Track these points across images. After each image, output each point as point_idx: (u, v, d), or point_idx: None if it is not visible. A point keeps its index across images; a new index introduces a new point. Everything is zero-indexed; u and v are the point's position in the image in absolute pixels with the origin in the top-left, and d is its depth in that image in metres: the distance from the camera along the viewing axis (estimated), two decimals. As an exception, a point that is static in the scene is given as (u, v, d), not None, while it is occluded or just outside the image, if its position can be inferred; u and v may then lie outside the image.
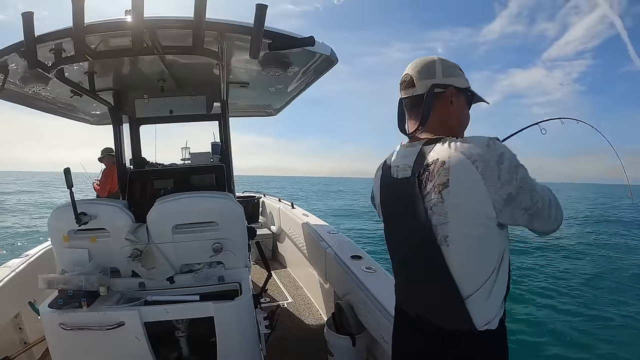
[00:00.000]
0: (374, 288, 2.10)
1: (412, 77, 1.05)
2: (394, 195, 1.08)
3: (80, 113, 3.38)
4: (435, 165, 0.92)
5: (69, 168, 1.80)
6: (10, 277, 2.30)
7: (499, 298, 0.95)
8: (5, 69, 1.87)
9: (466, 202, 0.89)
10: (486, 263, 0.93)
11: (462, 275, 0.93)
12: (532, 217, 0.91)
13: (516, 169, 0.88)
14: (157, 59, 2.06)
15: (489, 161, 0.86)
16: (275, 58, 2.01)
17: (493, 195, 0.87)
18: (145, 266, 1.89)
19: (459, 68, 1.06)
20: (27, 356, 2.32)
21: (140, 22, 1.37)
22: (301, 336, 2.74)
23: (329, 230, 3.31)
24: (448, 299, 0.95)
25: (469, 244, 0.91)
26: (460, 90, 1.05)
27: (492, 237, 0.92)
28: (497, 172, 0.86)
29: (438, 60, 1.04)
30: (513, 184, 0.87)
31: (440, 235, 0.93)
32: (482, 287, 0.92)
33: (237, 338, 1.82)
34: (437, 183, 0.91)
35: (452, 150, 0.91)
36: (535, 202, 0.90)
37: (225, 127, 2.96)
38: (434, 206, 0.92)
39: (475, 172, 0.87)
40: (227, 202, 1.97)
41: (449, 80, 1.03)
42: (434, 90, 1.01)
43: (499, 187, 0.86)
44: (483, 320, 0.93)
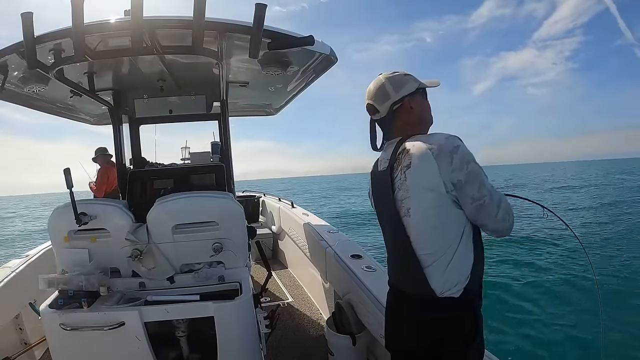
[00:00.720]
0: (374, 287, 2.10)
1: (373, 105, 1.23)
2: (378, 184, 1.27)
3: (80, 113, 3.38)
4: (402, 153, 1.14)
5: (69, 168, 1.80)
6: (10, 277, 2.30)
7: (462, 270, 1.08)
8: (5, 69, 1.87)
9: (422, 179, 1.07)
10: (444, 236, 1.08)
11: (421, 246, 1.10)
12: (479, 210, 1.06)
13: (468, 162, 1.04)
14: (156, 59, 2.05)
15: (444, 149, 1.05)
16: (274, 57, 2.01)
17: (444, 176, 1.04)
18: (146, 266, 1.89)
19: (404, 74, 1.22)
20: (27, 356, 2.32)
21: (140, 22, 1.38)
22: (301, 336, 2.74)
23: (329, 229, 3.31)
24: (410, 267, 1.12)
25: (426, 216, 1.08)
26: (413, 93, 1.21)
27: (447, 212, 1.07)
28: (450, 158, 1.04)
29: (385, 81, 1.21)
30: (463, 172, 1.04)
31: (404, 209, 1.12)
32: (440, 258, 1.07)
33: (237, 338, 1.82)
34: (402, 165, 1.12)
35: (416, 141, 1.12)
36: (482, 195, 1.05)
37: (225, 127, 2.96)
38: (400, 184, 1.13)
39: (431, 156, 1.06)
40: (227, 202, 1.97)
41: (401, 92, 1.20)
42: (393, 108, 1.21)
43: (450, 171, 1.04)
44: (442, 288, 1.07)
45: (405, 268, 1.16)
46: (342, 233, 3.25)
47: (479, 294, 1.13)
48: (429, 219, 1.08)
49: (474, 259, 1.10)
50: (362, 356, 2.16)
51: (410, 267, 1.11)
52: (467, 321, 1.10)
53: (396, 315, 1.27)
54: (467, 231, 1.09)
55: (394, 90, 1.20)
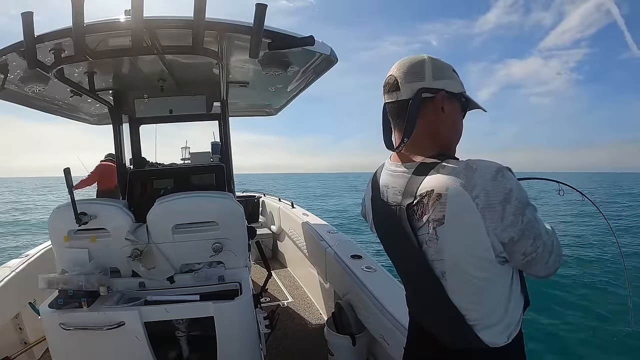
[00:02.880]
0: (374, 287, 2.10)
1: (396, 79, 0.91)
2: (386, 219, 0.96)
3: (80, 113, 3.39)
4: (429, 197, 0.80)
5: (69, 168, 1.80)
6: (10, 277, 2.30)
7: (515, 318, 0.88)
8: (5, 68, 1.87)
9: (462, 242, 0.79)
10: (492, 297, 0.85)
11: (466, 306, 0.85)
12: (530, 263, 0.82)
13: (523, 211, 0.76)
14: (156, 59, 2.05)
15: (493, 199, 0.74)
16: (275, 57, 2.01)
17: (492, 237, 0.77)
18: (145, 266, 1.89)
19: (452, 69, 0.92)
20: (27, 356, 2.32)
21: (140, 22, 1.37)
22: (301, 336, 2.74)
23: (329, 229, 3.31)
24: (454, 326, 0.87)
25: (468, 282, 0.83)
26: (453, 95, 0.90)
27: (494, 276, 0.83)
28: (501, 212, 0.74)
29: (428, 59, 0.90)
30: (517, 227, 0.76)
31: (437, 270, 0.84)
32: (491, 314, 0.85)
33: (237, 338, 1.82)
34: (431, 218, 0.80)
35: (449, 180, 0.77)
36: (536, 247, 0.80)
37: (225, 127, 2.96)
38: (429, 241, 0.83)
39: (475, 210, 0.75)
40: (227, 202, 1.97)
41: (440, 83, 0.89)
42: (422, 95, 0.87)
43: (501, 230, 0.76)
44: (497, 341, 0.86)
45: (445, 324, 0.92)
46: (342, 233, 3.25)
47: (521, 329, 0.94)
48: (472, 287, 0.83)
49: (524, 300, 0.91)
50: (362, 356, 2.16)
51: (454, 325, 0.88)
52: None
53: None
54: (515, 278, 0.87)
55: (433, 75, 0.88)
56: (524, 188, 0.79)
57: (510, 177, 0.77)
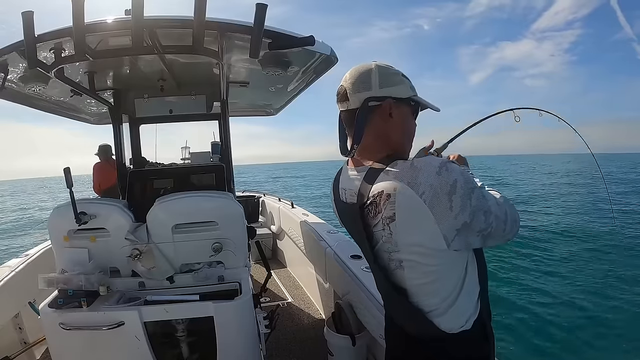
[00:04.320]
0: (374, 288, 2.09)
1: (345, 90, 0.95)
2: (347, 219, 1.03)
3: (80, 113, 3.39)
4: (380, 197, 0.84)
5: (69, 168, 1.80)
6: (10, 276, 2.30)
7: (470, 303, 0.91)
8: (5, 68, 1.87)
9: (414, 235, 0.83)
10: (446, 284, 0.89)
11: (421, 295, 0.89)
12: (486, 238, 0.85)
13: (470, 195, 0.79)
14: (157, 59, 2.05)
15: (439, 192, 0.78)
16: (275, 57, 2.01)
17: (444, 228, 0.79)
18: (145, 266, 1.89)
19: (401, 74, 0.96)
20: (27, 356, 2.32)
21: (140, 22, 1.37)
22: (301, 336, 2.74)
23: (329, 229, 3.31)
24: (412, 314, 0.92)
25: (423, 270, 0.86)
26: (401, 101, 0.94)
27: (449, 262, 0.87)
28: (449, 203, 0.78)
29: (375, 68, 0.93)
30: (467, 211, 0.79)
31: (394, 261, 0.89)
32: (444, 301, 0.88)
33: (237, 338, 1.82)
34: (384, 216, 0.85)
35: (397, 181, 0.82)
36: (490, 222, 0.83)
37: (225, 127, 2.96)
38: (384, 237, 0.87)
39: (423, 205, 0.78)
40: (227, 202, 1.97)
41: (386, 91, 0.92)
42: (369, 104, 0.92)
43: (452, 218, 0.78)
44: (453, 326, 0.90)
45: (405, 315, 0.97)
46: (341, 233, 3.25)
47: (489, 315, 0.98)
48: (428, 275, 0.87)
49: (481, 285, 0.94)
50: (362, 356, 2.16)
51: (412, 315, 0.93)
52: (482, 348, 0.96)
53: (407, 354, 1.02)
54: (469, 261, 0.92)
55: (379, 84, 0.92)
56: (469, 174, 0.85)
57: (454, 169, 0.80)
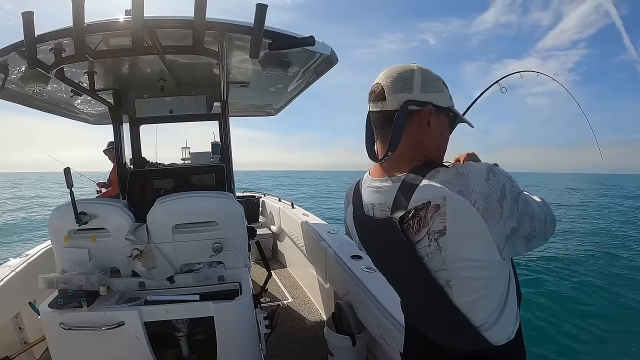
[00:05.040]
0: (374, 288, 2.10)
1: (383, 88, 0.86)
2: (375, 236, 0.92)
3: (80, 113, 3.39)
4: (426, 209, 0.77)
5: (69, 168, 1.80)
6: (10, 277, 2.30)
7: (513, 313, 0.89)
8: (5, 68, 1.87)
9: (468, 250, 0.77)
10: (495, 294, 0.85)
11: (470, 309, 0.84)
12: (529, 241, 0.82)
13: (517, 199, 0.76)
14: (157, 59, 2.05)
15: (491, 199, 0.73)
16: (275, 58, 2.01)
17: (496, 237, 0.75)
18: (145, 266, 1.89)
19: (442, 82, 0.89)
20: (27, 356, 2.32)
21: (140, 22, 1.37)
22: (301, 336, 2.74)
23: (329, 230, 3.31)
24: (460, 330, 0.86)
25: (473, 286, 0.82)
26: (440, 109, 0.87)
27: (497, 273, 0.83)
28: (500, 209, 0.74)
29: (418, 70, 0.86)
30: (515, 215, 0.76)
31: (441, 280, 0.82)
32: (492, 314, 0.84)
33: (237, 338, 1.82)
34: (431, 230, 0.77)
35: (445, 189, 0.75)
36: (534, 226, 0.80)
37: (225, 127, 2.96)
38: (431, 253, 0.80)
39: (477, 215, 0.73)
40: (227, 202, 1.97)
41: (427, 96, 0.85)
42: (408, 108, 0.84)
43: (502, 225, 0.75)
44: (501, 338, 0.86)
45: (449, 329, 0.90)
46: (342, 233, 3.24)
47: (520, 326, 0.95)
48: (478, 291, 0.82)
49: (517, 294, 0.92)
50: (362, 357, 2.16)
51: (459, 329, 0.87)
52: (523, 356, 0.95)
53: None
54: (511, 271, 0.89)
55: (421, 87, 0.85)
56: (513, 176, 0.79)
57: (501, 173, 0.76)
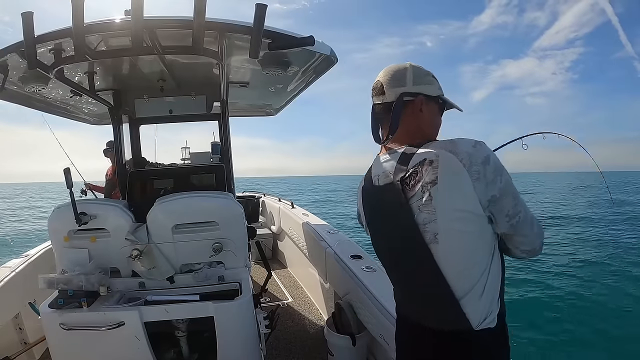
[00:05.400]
0: (374, 288, 2.10)
1: (382, 84, 1.07)
2: (377, 202, 1.07)
3: (80, 113, 3.39)
4: (422, 165, 0.92)
5: (69, 168, 1.80)
6: (10, 277, 2.30)
7: (494, 293, 0.94)
8: (5, 69, 1.87)
9: (455, 198, 0.88)
10: (478, 260, 0.92)
11: (454, 274, 0.91)
12: (515, 228, 0.92)
13: (501, 172, 0.89)
14: (156, 59, 2.05)
15: (475, 159, 0.87)
16: (275, 58, 2.01)
17: (479, 192, 0.87)
18: (145, 266, 1.89)
19: (431, 75, 1.07)
20: (27, 356, 2.32)
21: (140, 22, 1.37)
22: (301, 336, 2.74)
23: (329, 229, 3.31)
24: (442, 300, 0.94)
25: (459, 240, 0.91)
26: (430, 98, 1.06)
27: (482, 233, 0.92)
28: (483, 171, 0.87)
29: (410, 67, 1.05)
30: (497, 186, 0.88)
31: (429, 234, 0.92)
32: (475, 285, 0.91)
33: (237, 338, 1.82)
34: (425, 182, 0.91)
35: (439, 149, 0.91)
36: (518, 211, 0.91)
37: (225, 127, 2.96)
38: (422, 205, 0.91)
39: (463, 169, 0.87)
40: (227, 202, 1.97)
41: (419, 88, 1.04)
42: (403, 99, 1.03)
43: (484, 186, 0.87)
44: (480, 319, 0.92)
45: (431, 301, 0.98)
46: (342, 233, 3.25)
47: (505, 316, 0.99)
48: (463, 245, 0.91)
49: (502, 277, 0.97)
50: (362, 356, 2.16)
51: (441, 300, 0.94)
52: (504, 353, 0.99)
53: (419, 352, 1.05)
54: (496, 249, 0.96)
55: (413, 81, 1.03)
56: None
57: (487, 147, 0.91)
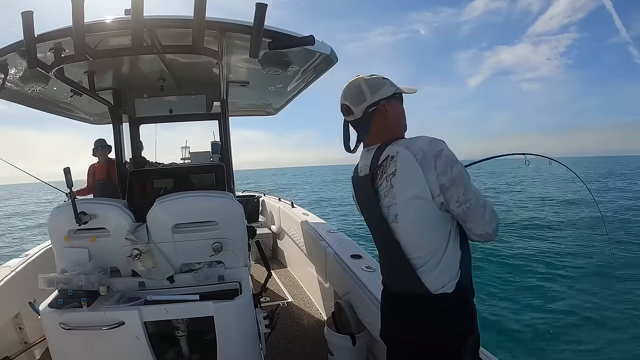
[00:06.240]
0: (374, 287, 2.10)
1: (348, 106, 1.22)
2: (360, 190, 1.29)
3: (80, 112, 3.39)
4: (387, 160, 1.13)
5: (69, 168, 1.80)
6: (10, 277, 2.30)
7: (451, 267, 1.11)
8: (5, 68, 1.87)
9: (409, 185, 1.07)
10: (433, 239, 1.10)
11: (412, 249, 1.12)
12: (466, 212, 1.08)
13: (452, 165, 1.05)
14: (156, 58, 2.05)
15: (427, 154, 1.06)
16: (275, 57, 2.01)
17: (430, 182, 1.05)
18: (145, 266, 1.89)
19: (382, 78, 1.21)
20: (27, 356, 2.32)
21: (140, 22, 1.37)
22: (301, 336, 2.74)
23: (329, 229, 3.31)
24: (402, 269, 1.14)
25: (414, 221, 1.10)
26: (389, 98, 1.20)
27: (435, 217, 1.09)
28: (434, 163, 1.05)
29: (362, 82, 1.20)
30: (447, 176, 1.05)
31: (391, 215, 1.13)
32: (431, 259, 1.10)
33: (237, 337, 1.82)
34: (388, 173, 1.12)
35: (399, 147, 1.11)
36: (468, 198, 1.07)
37: (225, 127, 2.96)
38: (386, 192, 1.13)
39: (415, 162, 1.06)
40: (227, 202, 1.97)
41: (377, 95, 1.18)
42: (369, 111, 1.19)
43: (435, 176, 1.05)
44: (436, 286, 1.10)
45: (397, 270, 1.19)
46: (342, 233, 3.24)
47: (471, 288, 1.17)
48: (418, 225, 1.10)
49: (462, 254, 1.14)
50: (362, 356, 2.16)
51: (403, 269, 1.14)
52: (463, 313, 1.14)
53: (391, 312, 1.29)
54: (453, 230, 1.13)
55: (370, 93, 1.19)
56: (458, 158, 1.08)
57: (443, 144, 1.08)
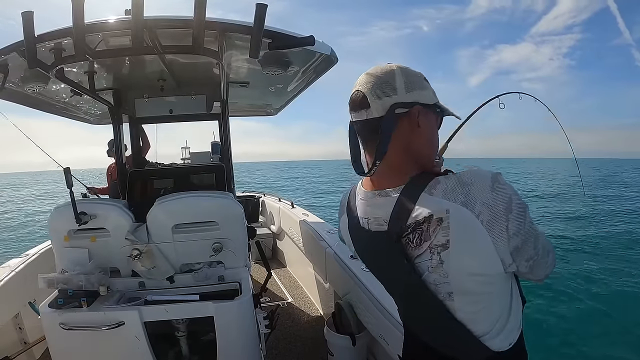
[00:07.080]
0: (374, 287, 2.09)
1: (364, 95, 0.79)
2: (372, 249, 0.90)
3: (80, 113, 3.39)
4: (429, 223, 0.72)
5: (69, 168, 1.80)
6: (10, 276, 2.30)
7: (516, 321, 0.85)
8: (5, 68, 1.87)
9: (470, 264, 0.73)
10: (498, 306, 0.81)
11: (473, 321, 0.80)
12: (532, 267, 0.78)
13: (524, 215, 0.72)
14: (157, 59, 2.05)
15: (496, 210, 0.69)
16: (275, 57, 2.01)
17: (501, 252, 0.72)
18: (145, 266, 1.89)
19: (423, 78, 0.82)
20: (27, 356, 2.32)
21: (140, 22, 1.37)
22: (301, 336, 2.74)
23: (329, 229, 3.31)
24: (461, 341, 0.82)
25: (476, 298, 0.78)
26: (427, 107, 0.80)
27: (501, 287, 0.80)
28: (505, 223, 0.70)
29: (398, 69, 0.79)
30: (521, 234, 0.71)
31: (442, 293, 0.78)
32: (495, 325, 0.81)
33: (237, 338, 1.82)
34: (433, 244, 0.73)
35: (447, 201, 0.71)
36: (537, 250, 0.76)
37: (225, 127, 2.96)
38: (432, 267, 0.76)
39: (481, 228, 0.69)
40: (227, 202, 1.97)
41: (413, 95, 0.78)
42: (395, 112, 0.77)
43: (507, 240, 0.71)
44: (503, 345, 0.82)
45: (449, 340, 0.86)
46: None
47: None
48: (480, 303, 0.79)
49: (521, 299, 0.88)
50: (362, 356, 2.16)
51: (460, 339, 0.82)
52: None
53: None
54: (514, 282, 0.85)
55: (405, 88, 0.77)
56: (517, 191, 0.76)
57: (505, 183, 0.72)
